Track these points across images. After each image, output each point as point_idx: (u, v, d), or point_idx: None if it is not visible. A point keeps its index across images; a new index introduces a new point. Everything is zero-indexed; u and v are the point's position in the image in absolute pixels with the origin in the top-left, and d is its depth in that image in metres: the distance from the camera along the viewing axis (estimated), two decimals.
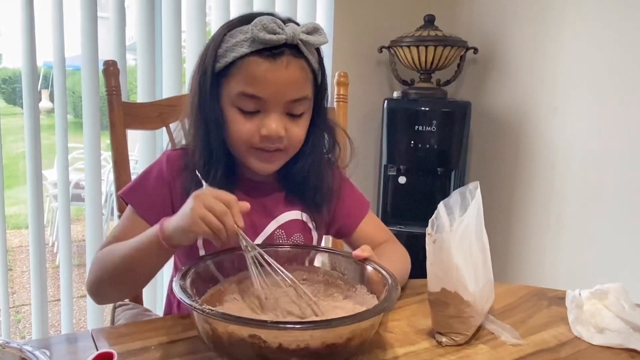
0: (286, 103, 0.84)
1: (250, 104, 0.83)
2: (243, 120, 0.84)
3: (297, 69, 0.83)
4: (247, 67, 0.82)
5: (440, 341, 0.76)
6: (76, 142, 3.40)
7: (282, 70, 0.81)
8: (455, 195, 0.80)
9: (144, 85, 1.85)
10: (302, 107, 0.86)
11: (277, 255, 0.82)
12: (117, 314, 1.04)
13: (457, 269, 0.73)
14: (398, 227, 2.05)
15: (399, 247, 1.01)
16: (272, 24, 0.79)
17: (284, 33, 0.80)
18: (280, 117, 0.84)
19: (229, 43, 0.83)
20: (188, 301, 0.64)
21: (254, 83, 0.81)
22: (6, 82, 10.56)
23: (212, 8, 1.95)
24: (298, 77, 0.83)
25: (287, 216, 0.95)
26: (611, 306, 0.82)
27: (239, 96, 0.83)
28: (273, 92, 0.82)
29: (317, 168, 0.93)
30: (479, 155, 2.25)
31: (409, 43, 2.03)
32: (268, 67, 0.81)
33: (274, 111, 0.83)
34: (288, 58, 0.82)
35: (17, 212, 4.83)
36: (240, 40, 0.82)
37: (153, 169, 0.93)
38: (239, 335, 0.62)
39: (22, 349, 0.59)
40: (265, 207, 0.94)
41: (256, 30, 0.79)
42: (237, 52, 0.82)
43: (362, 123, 2.27)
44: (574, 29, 1.85)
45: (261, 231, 0.93)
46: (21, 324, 2.83)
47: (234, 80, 0.83)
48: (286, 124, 0.85)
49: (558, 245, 1.95)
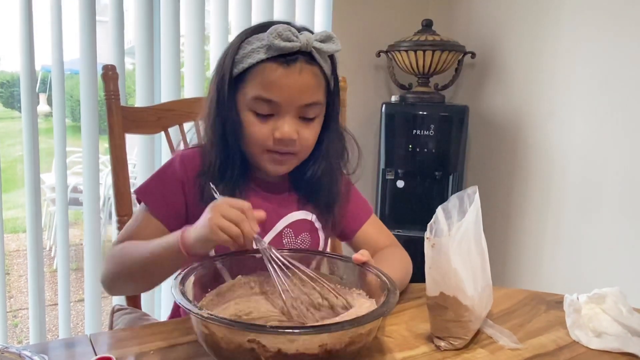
0: (299, 107, 0.87)
1: (265, 108, 0.86)
2: (258, 123, 0.87)
3: (310, 75, 0.86)
4: (263, 72, 0.85)
5: (439, 345, 0.76)
6: (74, 145, 3.40)
7: (296, 75, 0.85)
8: (454, 199, 0.80)
9: (142, 90, 1.85)
10: (315, 112, 0.89)
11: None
12: (115, 319, 1.04)
13: (455, 273, 0.73)
14: (396, 231, 2.04)
15: (400, 251, 1.01)
16: (287, 32, 0.83)
17: (298, 41, 0.84)
18: (294, 120, 0.87)
19: (246, 50, 0.87)
20: (187, 305, 0.64)
21: (269, 88, 0.85)
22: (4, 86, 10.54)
23: (210, 12, 1.95)
24: (311, 83, 0.87)
25: (296, 215, 0.97)
26: (609, 310, 0.82)
27: (255, 100, 0.86)
28: (287, 96, 0.85)
29: (329, 172, 0.96)
30: (476, 159, 2.26)
31: (407, 47, 2.04)
32: (283, 73, 0.84)
33: (287, 114, 0.87)
34: (302, 64, 0.85)
35: (14, 216, 4.82)
36: (256, 47, 0.86)
37: (167, 169, 0.96)
38: (237, 340, 0.62)
39: (21, 354, 0.59)
40: (275, 206, 0.96)
41: (272, 37, 0.82)
42: (253, 58, 0.85)
43: (360, 127, 2.28)
44: (570, 34, 1.86)
45: (270, 229, 0.95)
46: (18, 328, 2.82)
47: (250, 85, 0.87)
48: (299, 127, 0.88)
49: (556, 249, 1.96)
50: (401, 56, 2.07)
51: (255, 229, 0.76)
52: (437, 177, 2.06)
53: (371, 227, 1.04)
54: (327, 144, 0.95)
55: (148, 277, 0.88)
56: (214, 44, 1.97)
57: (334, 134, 0.96)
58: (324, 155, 0.95)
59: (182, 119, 1.25)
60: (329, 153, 0.96)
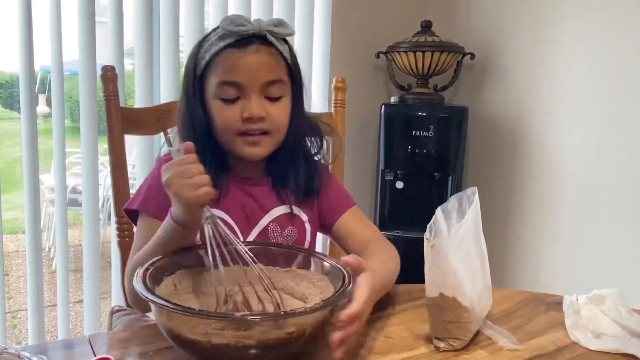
0: (262, 86, 0.89)
1: (230, 91, 0.88)
2: (226, 107, 0.89)
3: (266, 54, 0.89)
4: (223, 59, 0.88)
5: (438, 346, 0.76)
6: (73, 146, 3.40)
7: (252, 54, 0.88)
8: (453, 200, 0.80)
9: (141, 90, 1.84)
10: (279, 90, 0.91)
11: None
12: (114, 320, 1.04)
13: (455, 274, 0.73)
14: (395, 232, 2.05)
15: (388, 245, 0.98)
16: (239, 19, 0.87)
17: (251, 25, 0.87)
18: (260, 99, 0.89)
19: (205, 46, 0.91)
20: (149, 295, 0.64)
21: (229, 70, 0.88)
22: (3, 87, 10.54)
23: (209, 13, 1.95)
24: (269, 60, 0.89)
25: (280, 210, 0.97)
26: (608, 311, 0.82)
27: (219, 86, 0.89)
28: (247, 74, 0.87)
29: (302, 156, 0.98)
30: (475, 160, 2.26)
31: (406, 49, 2.04)
32: (240, 54, 0.87)
33: (252, 94, 0.88)
34: (257, 46, 0.88)
35: (13, 217, 4.81)
36: (214, 40, 0.90)
37: (149, 177, 0.96)
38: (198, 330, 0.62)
39: (20, 355, 0.59)
40: (258, 202, 0.96)
41: (225, 24, 0.87)
42: (212, 50, 0.89)
43: (359, 128, 2.28)
44: (570, 34, 1.86)
45: (255, 225, 0.95)
46: (17, 329, 2.82)
47: (213, 75, 0.89)
48: (266, 106, 0.89)
49: (555, 250, 1.96)
50: (400, 57, 2.07)
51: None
52: (436, 178, 2.06)
53: (353, 219, 1.01)
54: (294, 126, 0.95)
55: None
56: None
57: (301, 117, 0.97)
58: (294, 138, 0.96)
59: None
60: (299, 136, 0.97)
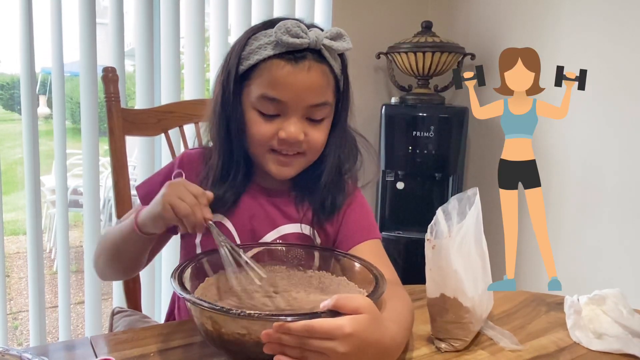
0: (306, 108, 0.83)
1: (270, 107, 0.83)
2: (263, 122, 0.83)
3: (318, 74, 0.82)
4: (269, 69, 0.81)
5: (440, 347, 0.76)
6: (74, 148, 3.40)
7: (304, 73, 0.81)
8: (454, 201, 0.80)
9: (142, 92, 1.85)
10: (322, 113, 0.85)
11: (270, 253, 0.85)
12: (115, 321, 1.03)
13: (456, 274, 0.73)
14: (396, 233, 2.05)
15: (403, 293, 0.82)
16: (295, 28, 0.79)
17: (307, 37, 0.80)
18: (300, 121, 0.83)
19: (253, 46, 0.83)
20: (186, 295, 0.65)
21: (276, 86, 0.81)
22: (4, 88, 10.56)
23: (210, 14, 1.95)
24: (319, 82, 0.83)
25: (288, 228, 0.92)
26: (609, 312, 0.82)
27: (260, 99, 0.83)
28: (293, 95, 0.81)
29: (333, 178, 0.90)
30: (476, 161, 2.26)
31: (407, 49, 2.04)
32: (290, 71, 0.81)
33: (293, 115, 0.83)
34: (310, 62, 0.82)
35: (14, 218, 4.82)
36: (263, 44, 0.82)
37: (167, 166, 0.96)
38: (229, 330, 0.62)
39: (21, 357, 0.59)
40: (269, 216, 0.91)
41: (280, 33, 0.79)
42: (260, 54, 0.82)
43: (360, 129, 2.26)
44: (569, 35, 1.86)
45: (259, 238, 0.91)
46: (18, 330, 2.81)
47: (256, 83, 0.83)
48: (306, 128, 0.84)
49: (556, 251, 1.93)
50: (401, 58, 2.07)
51: (208, 216, 0.76)
52: (437, 179, 2.05)
53: (368, 252, 0.87)
54: (332, 147, 0.89)
55: (119, 261, 0.89)
56: (213, 45, 1.98)
57: (341, 137, 0.91)
58: (329, 159, 0.89)
59: (182, 121, 1.25)
60: (334, 157, 0.90)
